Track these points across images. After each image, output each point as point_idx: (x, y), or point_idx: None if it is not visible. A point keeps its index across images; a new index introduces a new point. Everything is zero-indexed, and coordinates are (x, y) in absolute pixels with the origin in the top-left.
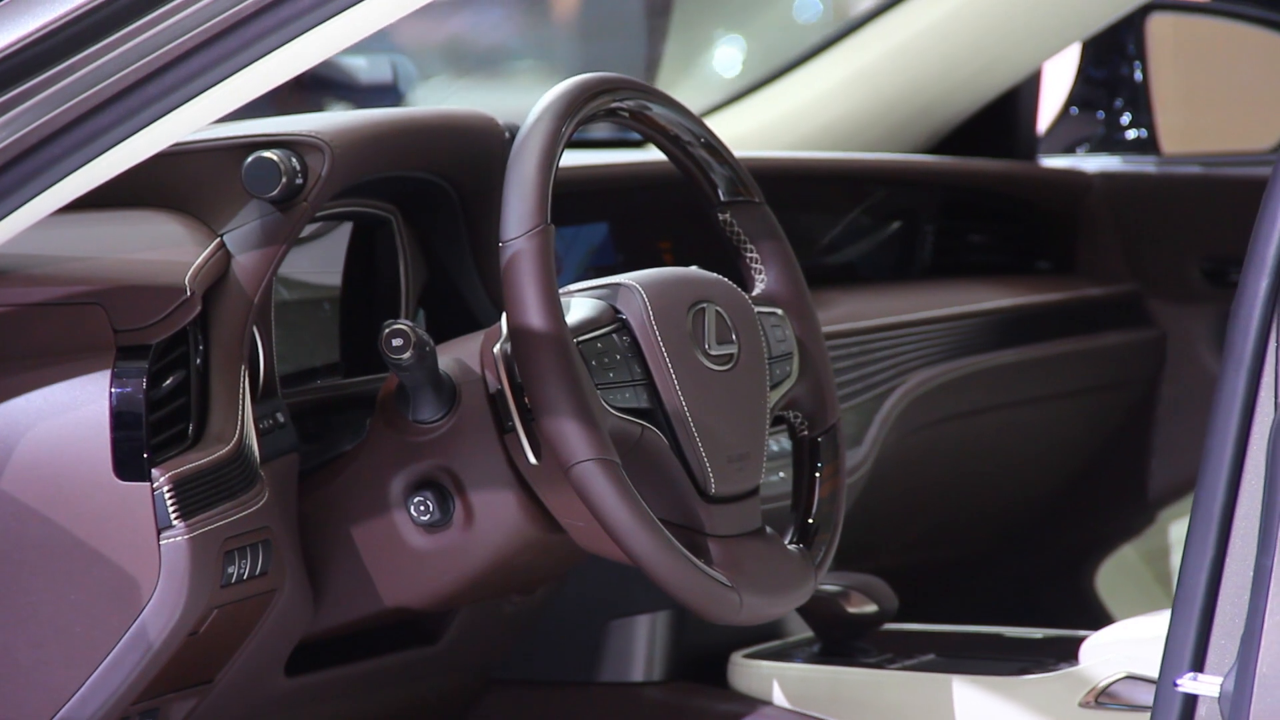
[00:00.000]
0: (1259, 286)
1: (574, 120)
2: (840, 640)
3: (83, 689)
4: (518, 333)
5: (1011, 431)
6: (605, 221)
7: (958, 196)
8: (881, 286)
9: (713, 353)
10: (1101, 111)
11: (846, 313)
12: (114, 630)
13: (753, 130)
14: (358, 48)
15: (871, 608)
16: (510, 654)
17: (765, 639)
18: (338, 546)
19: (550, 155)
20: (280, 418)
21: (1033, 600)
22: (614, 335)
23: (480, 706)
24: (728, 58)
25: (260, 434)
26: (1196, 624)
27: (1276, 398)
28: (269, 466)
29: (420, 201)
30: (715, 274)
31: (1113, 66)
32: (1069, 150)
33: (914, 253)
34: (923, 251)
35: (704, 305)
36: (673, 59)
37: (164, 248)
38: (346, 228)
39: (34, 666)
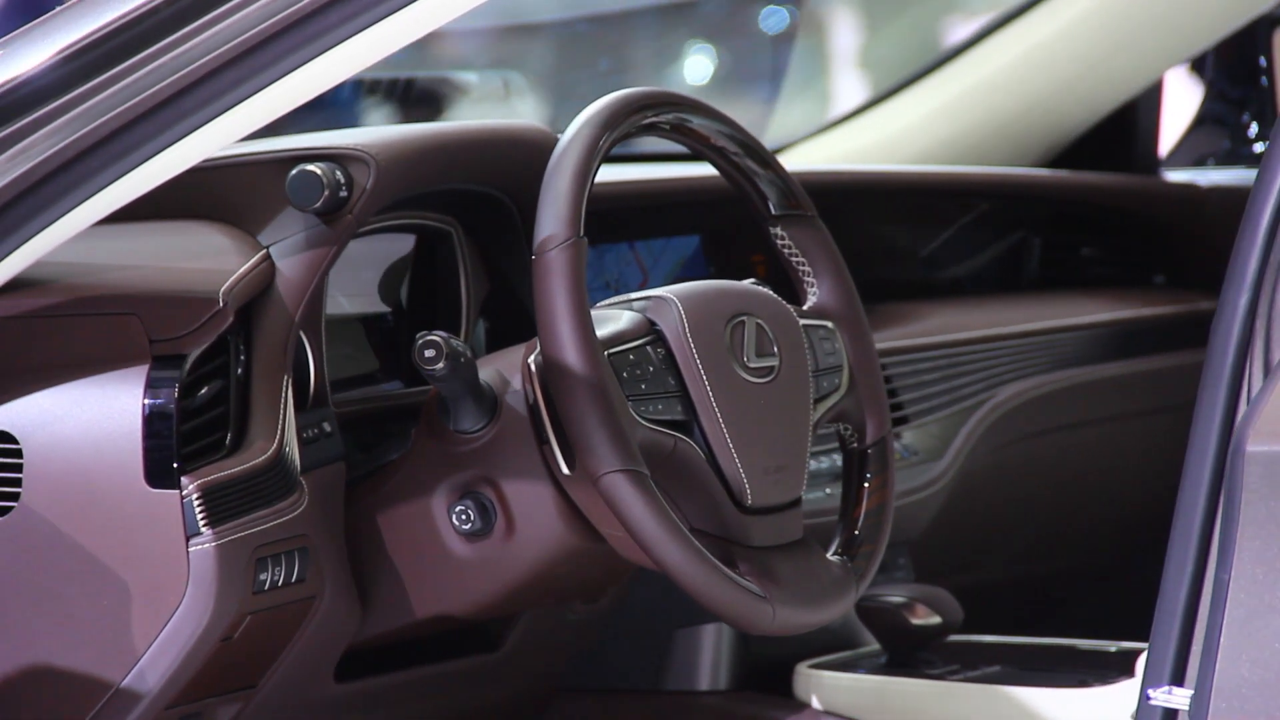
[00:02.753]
0: (1238, 302)
1: (613, 135)
2: (906, 651)
3: (115, 692)
4: (547, 344)
5: (1119, 445)
6: (698, 234)
7: (1067, 210)
8: (982, 299)
9: (751, 365)
10: (1229, 125)
11: (938, 325)
12: (145, 635)
13: (871, 144)
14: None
15: (935, 619)
16: (576, 662)
17: (831, 650)
18: (383, 555)
19: (585, 169)
20: (327, 427)
21: (1144, 615)
22: (648, 347)
23: (546, 714)
24: (698, 66)
25: (304, 443)
26: (1176, 638)
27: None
28: (312, 475)
29: (480, 214)
30: (759, 286)
31: (1241, 80)
32: (1198, 164)
33: (1020, 266)
34: (1029, 264)
35: (743, 318)
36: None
37: (206, 259)
38: (411, 240)
39: (68, 669)
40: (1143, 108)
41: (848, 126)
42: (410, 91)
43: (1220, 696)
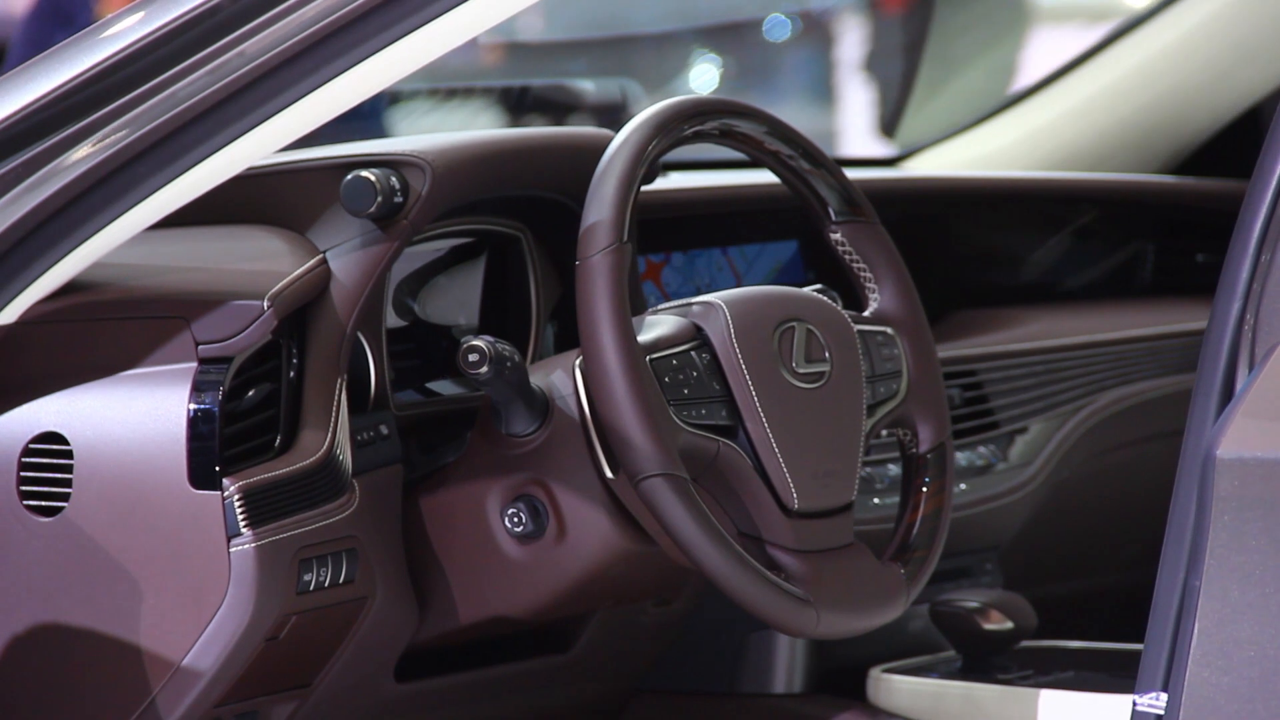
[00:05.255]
0: (1229, 312)
1: (661, 142)
2: (981, 656)
3: (160, 691)
4: (587, 349)
5: None
6: (796, 239)
7: (1183, 217)
8: (1087, 305)
9: (800, 370)
10: None
11: (1036, 331)
12: (189, 633)
13: (996, 150)
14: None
15: (1008, 625)
16: (652, 664)
17: (906, 654)
18: (438, 557)
19: (631, 176)
20: (384, 429)
21: None
22: (692, 352)
23: (621, 716)
24: (704, 74)
25: (360, 445)
26: (1168, 645)
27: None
28: (366, 477)
29: (550, 219)
30: (815, 293)
31: None
32: None
33: (1133, 272)
34: (1142, 271)
35: (793, 324)
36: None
37: (260, 263)
38: (484, 245)
39: (115, 667)
40: (1266, 113)
41: (974, 133)
42: (525, 98)
43: (1190, 702)
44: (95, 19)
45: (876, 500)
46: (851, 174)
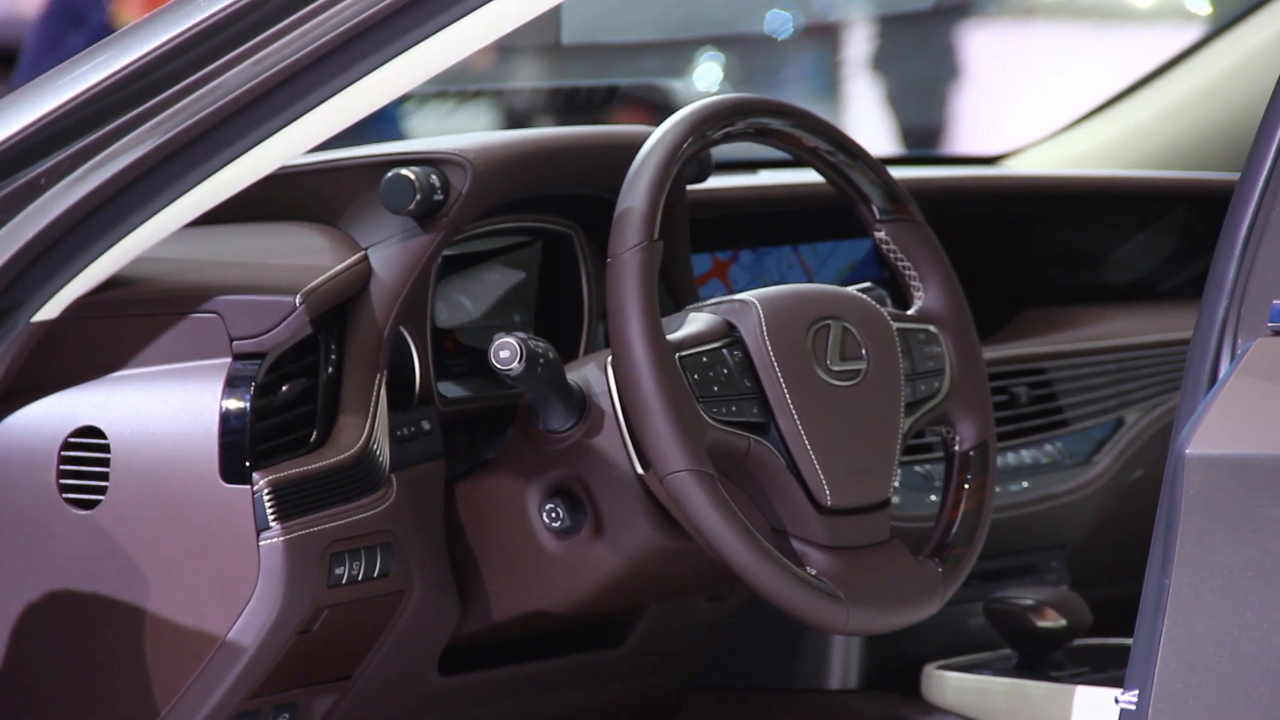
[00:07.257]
0: (1215, 311)
1: (697, 141)
2: (1036, 653)
3: (193, 682)
4: (615, 346)
5: None
6: (870, 236)
7: None
8: (1166, 304)
9: (835, 368)
10: None
11: (1108, 330)
12: (219, 627)
13: (1093, 149)
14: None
15: (1062, 622)
16: (706, 659)
17: (965, 651)
18: (478, 551)
19: (663, 175)
20: (426, 425)
21: None
22: (724, 350)
23: (681, 711)
24: (709, 72)
25: (400, 440)
26: (1148, 643)
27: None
28: (406, 472)
29: (601, 216)
30: (850, 290)
31: None
32: None
33: None
34: None
35: (828, 322)
36: None
37: (300, 260)
38: (538, 243)
39: (149, 657)
40: None
41: (1072, 132)
42: (614, 96)
43: (1159, 699)
44: (109, 19)
45: (933, 498)
46: (950, 171)
